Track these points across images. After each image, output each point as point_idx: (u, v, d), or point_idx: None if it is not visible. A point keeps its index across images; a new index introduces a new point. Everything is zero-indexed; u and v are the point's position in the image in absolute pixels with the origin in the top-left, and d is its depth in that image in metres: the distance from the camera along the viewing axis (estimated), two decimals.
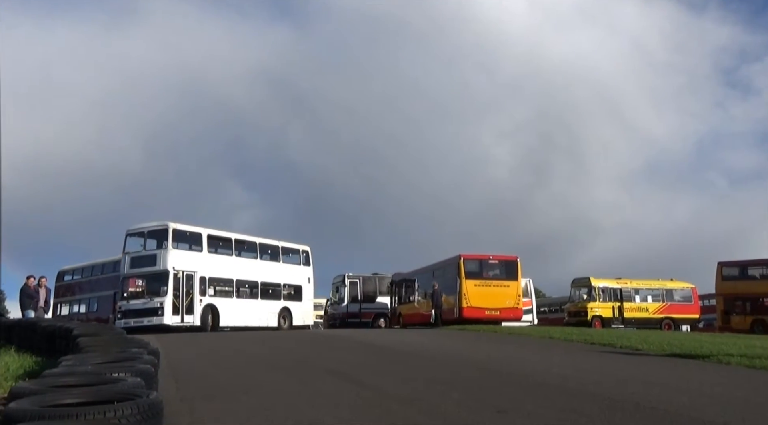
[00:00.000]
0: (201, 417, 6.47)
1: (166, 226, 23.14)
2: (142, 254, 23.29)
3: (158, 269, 22.53)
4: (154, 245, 23.59)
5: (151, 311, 22.22)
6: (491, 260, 26.01)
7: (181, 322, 22.50)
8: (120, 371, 4.93)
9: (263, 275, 26.70)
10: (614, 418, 6.22)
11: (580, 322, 30.06)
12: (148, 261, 22.94)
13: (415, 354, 12.62)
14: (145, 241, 23.72)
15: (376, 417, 6.36)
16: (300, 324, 28.19)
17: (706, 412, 6.45)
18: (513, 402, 7.07)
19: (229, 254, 25.53)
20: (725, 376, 9.36)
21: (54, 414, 3.42)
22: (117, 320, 22.26)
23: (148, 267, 22.84)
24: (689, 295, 33.04)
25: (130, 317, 22.15)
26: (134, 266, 23.17)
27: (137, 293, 22.95)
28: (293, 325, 27.58)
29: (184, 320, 22.65)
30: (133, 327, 20.92)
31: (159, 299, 22.29)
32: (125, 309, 22.58)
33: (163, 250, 22.82)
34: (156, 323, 21.73)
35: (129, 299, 22.79)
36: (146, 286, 22.88)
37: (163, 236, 23.19)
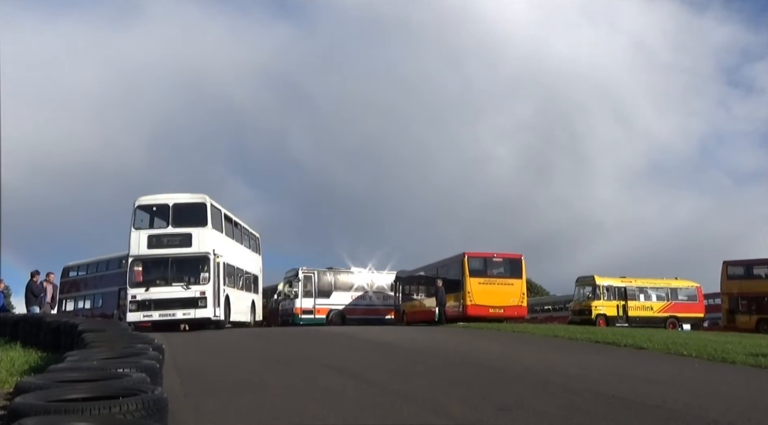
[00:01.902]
0: (205, 413, 6.49)
1: (203, 200, 19.31)
2: (171, 233, 19.05)
3: (195, 251, 18.71)
4: (183, 222, 19.34)
5: (189, 302, 18.40)
6: (495, 259, 25.99)
7: (222, 317, 19.18)
8: (125, 366, 4.95)
9: (244, 263, 24.03)
10: (618, 416, 6.21)
11: (584, 321, 29.99)
12: (179, 241, 18.87)
13: (419, 351, 12.62)
14: (170, 216, 19.14)
15: (380, 414, 6.37)
16: (258, 321, 26.32)
17: (710, 411, 6.43)
18: (517, 400, 7.07)
19: (231, 238, 22.45)
20: (730, 375, 9.34)
21: (59, 409, 3.44)
22: (129, 312, 18.29)
23: (178, 248, 18.77)
24: (694, 294, 32.93)
25: (151, 309, 18.31)
26: (156, 246, 18.84)
27: (159, 280, 18.91)
28: (255, 321, 25.41)
29: (216, 313, 19.16)
30: (158, 320, 18.23)
31: (199, 288, 18.51)
32: (143, 300, 18.36)
33: (202, 228, 18.92)
34: (198, 316, 18.43)
35: (146, 286, 18.61)
36: (174, 271, 18.95)
37: (198, 213, 19.17)
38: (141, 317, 18.15)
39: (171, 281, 18.81)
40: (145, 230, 19.11)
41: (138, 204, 19.23)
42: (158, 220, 19.73)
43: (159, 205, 19.48)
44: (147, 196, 19.64)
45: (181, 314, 18.46)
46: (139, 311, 18.24)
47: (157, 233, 19.19)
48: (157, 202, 19.55)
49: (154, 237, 18.99)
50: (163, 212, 19.41)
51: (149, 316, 18.32)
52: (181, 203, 19.38)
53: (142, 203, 19.38)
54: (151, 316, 18.27)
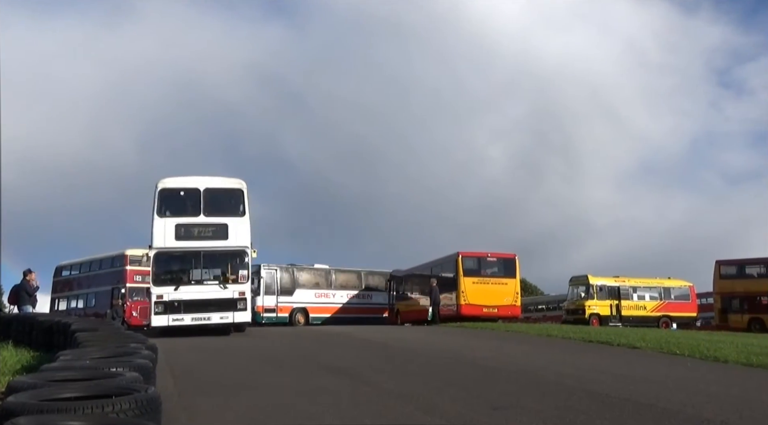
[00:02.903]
0: (199, 412, 6.48)
1: (240, 185, 16.77)
2: (203, 223, 16.35)
3: (231, 245, 16.27)
4: (216, 211, 16.86)
5: (226, 303, 15.94)
6: (489, 258, 26.03)
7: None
8: (118, 366, 4.93)
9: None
10: (612, 415, 6.23)
11: (578, 320, 30.09)
12: (212, 232, 16.31)
13: (413, 351, 12.63)
14: (201, 203, 16.36)
15: (374, 413, 6.36)
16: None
17: (703, 410, 6.46)
18: (510, 399, 7.08)
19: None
20: (723, 374, 9.38)
21: (52, 408, 3.42)
22: (154, 315, 15.73)
23: (212, 241, 16.18)
24: (687, 293, 33.09)
25: (182, 312, 15.67)
26: (185, 238, 16.09)
27: (189, 278, 16.32)
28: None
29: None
30: (190, 326, 15.72)
31: (237, 287, 16.11)
32: (171, 301, 15.68)
33: (239, 218, 16.42)
34: (237, 321, 16.09)
35: (175, 284, 15.98)
36: (207, 268, 16.50)
37: (234, 200, 16.82)
38: (169, 322, 15.47)
39: (203, 280, 16.28)
40: (172, 219, 16.11)
41: (162, 187, 16.18)
42: (186, 206, 16.68)
43: (188, 189, 16.48)
44: (172, 178, 16.68)
45: (217, 317, 15.79)
46: (166, 314, 15.48)
47: (187, 223, 16.16)
48: (185, 185, 16.56)
49: (183, 227, 16.07)
50: (192, 197, 16.45)
51: (179, 320, 15.57)
52: (214, 188, 16.62)
53: (166, 185, 16.32)
54: (182, 320, 15.53)
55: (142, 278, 32.30)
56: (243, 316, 16.09)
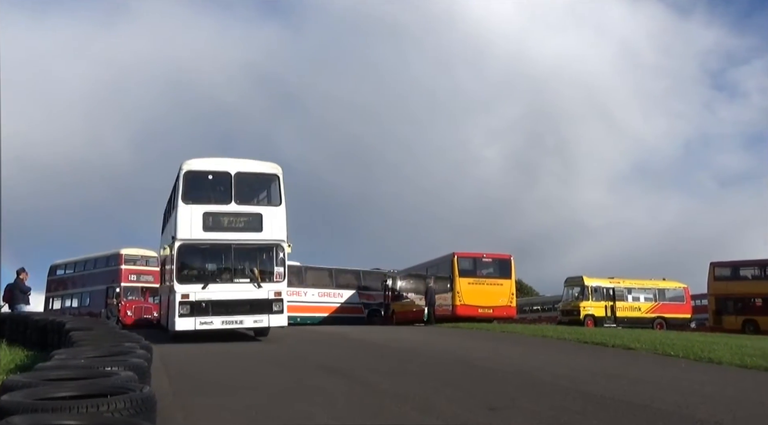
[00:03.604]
0: (194, 411, 6.46)
1: (276, 171, 14.84)
2: (235, 212, 14.34)
3: (266, 238, 14.37)
4: (249, 198, 15.38)
5: (261, 305, 14.02)
6: (485, 259, 26.05)
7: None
8: (113, 365, 4.91)
9: None
10: (607, 416, 6.24)
11: (572, 321, 30.15)
12: (245, 223, 14.37)
13: (409, 351, 12.63)
14: (232, 189, 14.36)
15: (370, 413, 6.36)
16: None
17: (697, 410, 6.48)
18: (506, 400, 7.09)
19: None
20: (717, 375, 9.41)
21: (47, 407, 3.40)
22: (178, 317, 13.62)
23: (244, 233, 14.29)
24: (681, 295, 33.19)
25: (210, 314, 13.66)
26: (214, 229, 14.07)
27: (218, 275, 14.39)
28: None
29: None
30: (220, 330, 13.93)
31: (272, 286, 14.20)
32: (199, 301, 13.63)
33: (275, 208, 14.53)
34: (273, 325, 14.23)
35: (204, 282, 13.88)
36: (239, 264, 14.59)
37: (270, 187, 15.14)
38: (197, 325, 13.53)
39: (235, 277, 14.28)
40: (200, 206, 14.04)
41: (187, 169, 14.16)
42: (215, 193, 14.86)
43: (217, 173, 14.55)
44: (199, 159, 14.69)
45: (251, 321, 14.00)
46: (192, 316, 13.50)
47: (216, 211, 14.15)
48: (214, 168, 14.60)
49: (211, 216, 14.06)
50: (222, 182, 14.58)
51: (208, 324, 13.61)
52: (247, 172, 14.70)
53: (192, 167, 14.28)
54: (211, 324, 13.63)
55: (137, 277, 32.29)
56: (279, 319, 14.15)
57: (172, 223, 14.17)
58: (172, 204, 15.07)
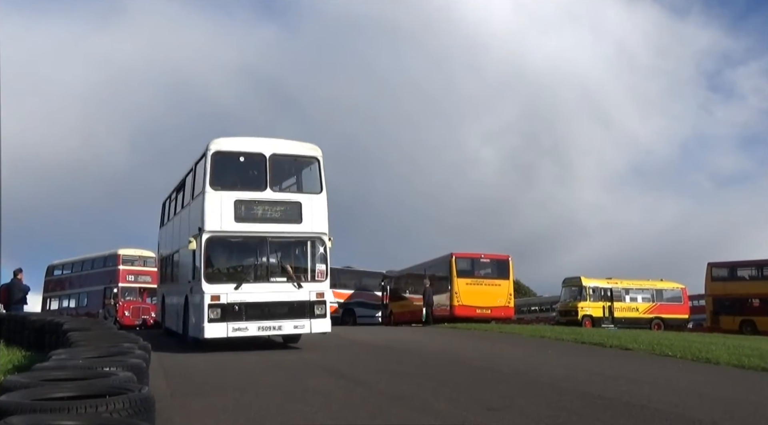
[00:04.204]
0: (192, 412, 6.46)
1: (316, 153, 12.96)
2: (271, 200, 12.40)
3: (306, 231, 12.53)
4: (286, 185, 13.66)
5: (302, 308, 12.22)
6: (483, 259, 26.07)
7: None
8: (111, 365, 4.91)
9: None
10: (604, 416, 6.25)
11: (570, 321, 30.20)
12: (281, 213, 12.45)
13: (407, 351, 12.63)
14: (266, 173, 12.36)
15: (368, 414, 6.37)
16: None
17: (695, 411, 6.50)
18: (504, 400, 7.10)
19: None
20: (714, 375, 9.43)
21: (45, 408, 3.40)
22: (208, 322, 11.57)
23: (281, 224, 12.38)
24: (679, 295, 33.27)
25: (244, 318, 11.78)
26: (247, 219, 12.16)
27: (252, 273, 12.46)
28: None
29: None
30: (255, 336, 12.27)
31: (314, 286, 12.43)
32: (231, 303, 11.75)
33: (315, 196, 12.66)
34: (315, 331, 12.31)
35: (237, 282, 12.01)
36: (275, 260, 12.61)
37: (309, 171, 13.21)
38: (229, 332, 11.66)
39: (271, 276, 12.38)
40: (230, 193, 12.15)
41: (216, 150, 12.21)
42: (247, 177, 12.91)
43: (250, 154, 12.62)
44: (228, 138, 12.69)
45: (290, 326, 12.14)
46: (224, 322, 11.61)
47: (250, 199, 12.26)
48: (246, 149, 12.66)
49: (244, 205, 12.19)
50: (255, 165, 12.63)
51: (242, 330, 11.76)
52: (283, 154, 12.83)
53: (222, 148, 12.33)
54: (246, 330, 11.79)
55: (135, 277, 32.25)
56: (321, 325, 12.31)
57: (197, 213, 12.33)
58: (190, 192, 13.63)
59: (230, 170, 12.83)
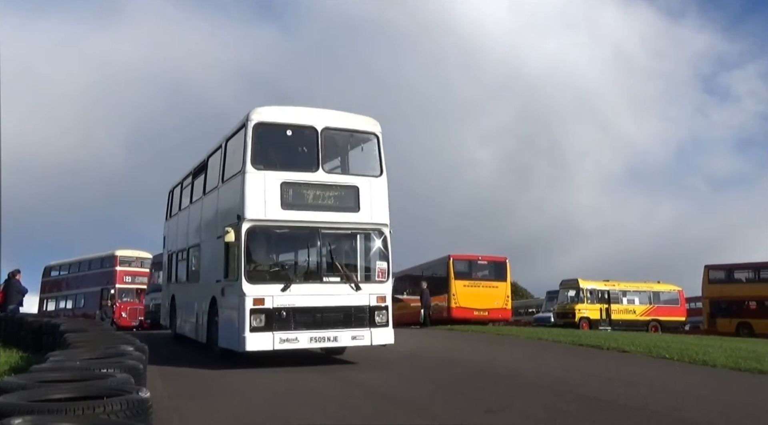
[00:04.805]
0: (189, 413, 6.46)
1: (374, 128, 11.04)
2: (324, 183, 10.41)
3: (364, 221, 10.57)
4: (338, 163, 11.38)
5: (361, 315, 10.16)
6: (480, 261, 26.11)
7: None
8: (108, 367, 4.90)
9: None
10: (601, 418, 6.27)
11: (567, 323, 30.23)
12: (335, 199, 10.48)
13: (404, 353, 12.63)
14: (318, 151, 10.39)
15: (365, 415, 6.37)
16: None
17: (691, 413, 6.52)
18: (501, 402, 7.10)
19: None
20: (711, 378, 9.45)
21: (43, 409, 3.39)
22: (249, 332, 9.48)
23: (335, 213, 10.37)
24: (676, 298, 33.33)
25: (292, 327, 9.71)
26: (295, 205, 10.11)
27: (302, 272, 10.44)
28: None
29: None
30: (307, 349, 10.36)
31: (374, 288, 10.42)
32: (278, 308, 9.69)
33: (375, 179, 10.73)
34: (376, 343, 10.24)
35: (285, 282, 9.90)
36: (329, 256, 10.39)
37: (366, 150, 11.19)
38: (276, 343, 9.60)
39: (324, 275, 10.27)
40: (276, 173, 10.12)
41: (258, 120, 10.17)
42: (295, 155, 10.94)
43: (298, 127, 10.55)
44: (272, 108, 10.57)
45: (347, 337, 10.05)
46: (269, 331, 9.57)
47: (300, 181, 10.25)
48: (294, 120, 10.57)
49: (292, 188, 10.19)
50: (305, 140, 10.65)
51: (291, 341, 9.68)
52: (338, 128, 10.82)
53: (265, 118, 10.28)
54: (296, 341, 9.70)
55: (132, 278, 32.23)
56: (383, 335, 10.26)
57: (233, 198, 10.43)
58: (217, 174, 11.60)
59: (274, 146, 10.75)
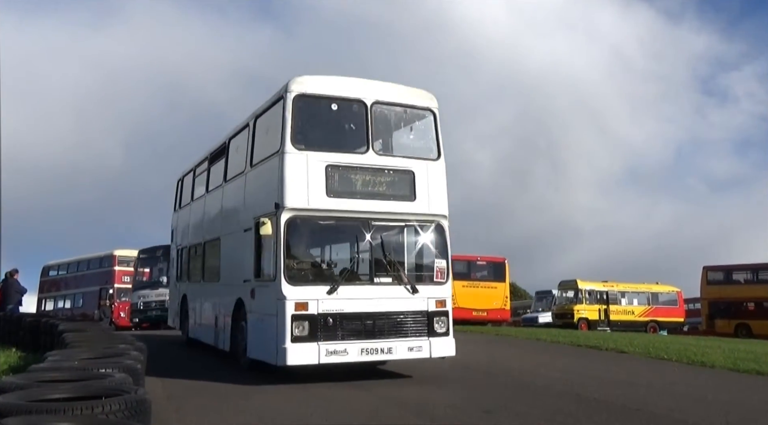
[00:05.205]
0: (188, 413, 6.45)
1: (430, 103, 9.55)
2: (375, 166, 8.90)
3: (421, 211, 9.13)
4: (391, 144, 9.57)
5: (418, 322, 8.73)
6: (479, 262, 26.12)
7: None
8: (107, 367, 4.90)
9: None
10: (600, 419, 6.27)
11: (566, 324, 30.24)
12: (388, 185, 8.98)
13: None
14: (368, 129, 8.93)
15: (364, 417, 6.36)
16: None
17: (690, 414, 6.52)
18: (500, 403, 7.10)
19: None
20: (710, 379, 9.46)
21: (41, 409, 3.39)
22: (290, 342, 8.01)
23: (387, 201, 8.88)
24: (674, 299, 33.37)
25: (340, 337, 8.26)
26: (342, 192, 8.67)
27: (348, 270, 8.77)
28: None
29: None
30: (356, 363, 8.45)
31: (434, 291, 9.11)
32: (323, 314, 8.21)
33: (432, 163, 9.29)
34: (435, 355, 8.75)
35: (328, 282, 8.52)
36: (381, 252, 8.83)
37: (422, 128, 9.64)
38: (322, 356, 8.12)
39: (375, 275, 8.78)
40: (320, 154, 8.59)
41: (299, 91, 8.63)
42: (341, 133, 9.34)
43: (344, 100, 9.00)
44: (314, 77, 8.95)
45: (404, 349, 8.50)
46: (313, 341, 8.08)
47: (348, 164, 8.74)
48: (339, 92, 8.97)
49: (339, 172, 8.65)
50: (351, 116, 9.15)
51: (340, 353, 8.19)
52: (390, 102, 9.28)
53: (306, 89, 8.71)
54: (345, 354, 8.20)
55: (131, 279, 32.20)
56: (444, 347, 8.75)
57: (268, 183, 8.82)
58: (244, 156, 10.10)
59: (317, 123, 9.26)
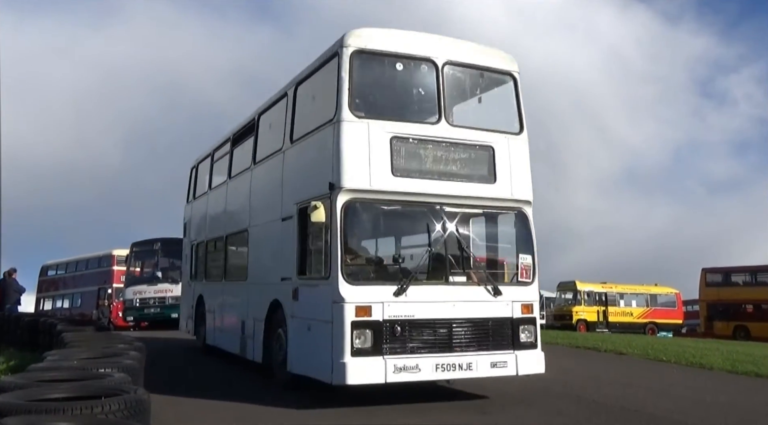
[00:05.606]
0: (187, 413, 6.45)
1: (511, 66, 7.82)
2: (450, 140, 7.11)
3: (501, 196, 7.33)
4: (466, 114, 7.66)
5: (501, 330, 6.99)
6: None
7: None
8: (106, 366, 4.89)
9: None
10: (599, 421, 6.27)
11: (565, 325, 30.25)
12: (465, 164, 7.20)
13: None
14: (440, 94, 7.12)
15: (360, 416, 6.36)
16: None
17: (689, 416, 6.53)
18: (497, 404, 7.09)
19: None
20: (708, 381, 9.47)
21: (40, 409, 3.38)
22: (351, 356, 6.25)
23: (464, 183, 7.13)
24: (673, 300, 33.40)
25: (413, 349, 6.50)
26: (411, 172, 6.90)
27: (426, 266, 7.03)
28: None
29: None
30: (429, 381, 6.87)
31: (518, 293, 7.24)
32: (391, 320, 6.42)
33: (514, 137, 7.53)
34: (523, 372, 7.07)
35: (395, 281, 6.68)
36: (458, 243, 7.10)
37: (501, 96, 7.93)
38: (389, 373, 6.40)
39: (449, 273, 7.07)
40: (382, 122, 6.93)
41: (358, 47, 6.94)
42: (407, 99, 7.71)
43: (412, 58, 7.28)
44: (374, 30, 7.20)
45: (486, 364, 6.83)
46: (378, 354, 6.41)
47: (418, 136, 7.03)
48: (406, 50, 7.20)
49: (406, 146, 6.98)
50: (420, 78, 7.52)
51: (411, 370, 6.48)
52: (465, 63, 7.54)
53: (367, 45, 7.02)
54: (417, 370, 6.50)
55: None
56: (532, 361, 7.15)
57: (319, 159, 7.20)
58: (282, 131, 8.46)
59: (379, 86, 7.63)
